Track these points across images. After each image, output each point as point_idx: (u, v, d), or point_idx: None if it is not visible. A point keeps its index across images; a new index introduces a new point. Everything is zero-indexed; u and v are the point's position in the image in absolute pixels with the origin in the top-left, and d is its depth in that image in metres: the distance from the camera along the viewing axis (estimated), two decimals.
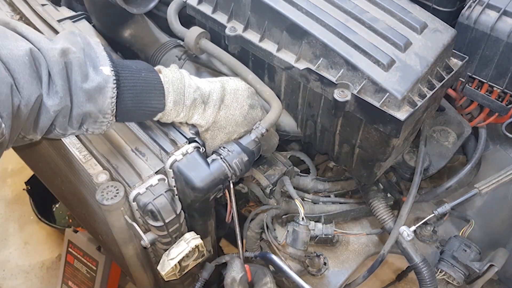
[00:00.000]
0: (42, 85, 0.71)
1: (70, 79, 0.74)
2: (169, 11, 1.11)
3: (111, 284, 1.82)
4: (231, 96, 0.94)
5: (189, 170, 0.86)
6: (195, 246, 0.93)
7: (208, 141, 0.95)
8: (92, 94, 0.76)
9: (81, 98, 0.75)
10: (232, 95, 0.94)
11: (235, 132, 0.95)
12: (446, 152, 1.19)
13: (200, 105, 0.90)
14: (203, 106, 0.91)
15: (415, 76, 0.86)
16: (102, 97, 0.77)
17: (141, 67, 0.85)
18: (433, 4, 1.10)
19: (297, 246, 1.08)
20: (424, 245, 1.25)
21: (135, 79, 0.83)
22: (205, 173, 0.87)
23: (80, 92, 0.75)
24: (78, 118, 0.77)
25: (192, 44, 1.03)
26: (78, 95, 0.75)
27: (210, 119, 0.92)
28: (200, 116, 0.91)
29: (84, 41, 0.78)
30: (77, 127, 0.79)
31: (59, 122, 0.76)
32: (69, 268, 1.87)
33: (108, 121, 0.80)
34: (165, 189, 0.86)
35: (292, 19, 0.92)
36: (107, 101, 0.77)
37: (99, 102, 0.77)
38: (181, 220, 0.92)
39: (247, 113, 0.95)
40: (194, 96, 0.89)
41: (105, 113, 0.78)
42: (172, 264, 0.91)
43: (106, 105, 0.77)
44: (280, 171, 1.13)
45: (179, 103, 0.88)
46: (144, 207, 0.84)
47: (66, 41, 0.76)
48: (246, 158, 0.91)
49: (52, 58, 0.72)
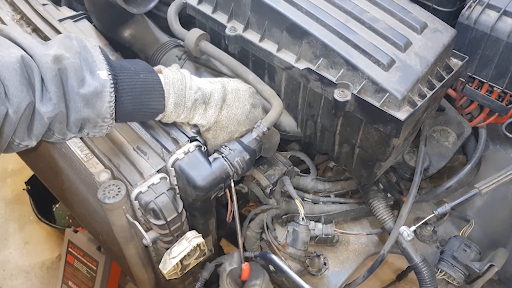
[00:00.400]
0: (35, 92, 0.70)
1: (65, 85, 0.73)
2: (169, 13, 1.11)
3: (111, 284, 1.82)
4: (233, 96, 0.94)
5: (190, 168, 0.86)
6: (197, 244, 0.93)
7: (210, 140, 0.95)
8: (89, 99, 0.75)
9: (79, 103, 0.75)
10: (233, 95, 0.94)
11: (237, 131, 0.95)
12: (446, 152, 1.19)
13: (200, 106, 0.90)
14: (204, 107, 0.91)
15: (415, 76, 0.86)
16: (100, 102, 0.76)
17: (140, 68, 0.84)
18: (433, 4, 1.10)
19: (297, 246, 1.08)
20: (424, 245, 1.25)
21: (133, 81, 0.82)
22: (206, 171, 0.87)
23: (77, 98, 0.74)
24: (77, 123, 0.77)
25: (192, 46, 1.04)
26: (75, 100, 0.74)
27: (212, 119, 0.92)
28: (201, 116, 0.91)
29: (80, 44, 0.77)
30: (76, 131, 0.78)
31: (56, 128, 0.76)
32: (69, 268, 1.87)
33: (108, 124, 0.80)
34: (167, 188, 0.86)
35: (292, 19, 0.92)
36: (105, 105, 0.76)
37: (97, 106, 0.76)
38: (182, 218, 0.92)
39: (249, 112, 0.95)
40: (195, 97, 0.88)
41: (104, 117, 0.78)
42: (173, 262, 0.91)
43: (104, 109, 0.77)
44: (280, 171, 1.13)
45: (179, 105, 0.87)
46: (146, 205, 0.84)
47: (60, 47, 0.75)
48: (247, 156, 0.91)
49: (45, 65, 0.71)
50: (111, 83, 0.77)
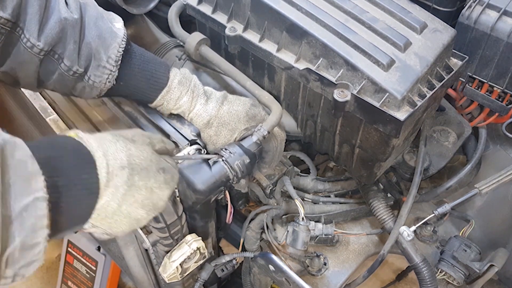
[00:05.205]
0: None
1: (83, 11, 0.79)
2: (170, 14, 1.11)
3: (111, 284, 1.82)
4: (234, 97, 0.97)
5: (190, 172, 0.86)
6: (197, 248, 0.93)
7: (213, 138, 0.95)
8: (102, 33, 0.80)
9: (93, 31, 0.79)
10: (234, 97, 0.98)
11: (237, 129, 0.95)
12: (446, 152, 1.19)
13: (202, 96, 0.93)
14: (206, 98, 0.94)
15: (415, 76, 0.86)
16: (111, 40, 0.80)
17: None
18: (433, 4, 1.09)
19: (297, 246, 1.08)
20: (424, 245, 1.25)
21: (143, 52, 0.89)
22: (206, 175, 0.86)
23: (93, 26, 0.79)
24: (86, 52, 0.79)
25: (192, 50, 1.04)
26: (90, 28, 0.79)
27: (213, 112, 0.93)
28: (202, 106, 0.93)
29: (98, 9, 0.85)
30: (83, 65, 0.80)
31: (68, 50, 0.77)
32: (69, 268, 1.87)
33: (110, 70, 0.82)
34: None
35: (292, 19, 0.92)
36: (114, 45, 0.81)
37: (107, 42, 0.80)
38: (182, 222, 0.92)
39: (249, 109, 0.96)
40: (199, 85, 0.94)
41: (109, 57, 0.81)
42: (174, 266, 0.91)
43: (112, 49, 0.81)
44: (280, 171, 1.13)
45: (184, 84, 0.91)
46: None
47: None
48: (247, 160, 0.91)
49: None
50: (124, 33, 0.82)
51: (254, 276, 1.19)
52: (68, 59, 0.77)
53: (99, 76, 0.81)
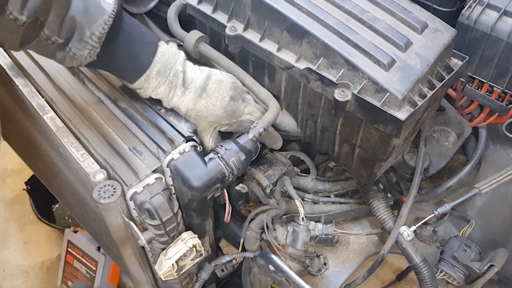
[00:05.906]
0: None
1: None
2: (169, 14, 1.11)
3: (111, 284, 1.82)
4: (214, 86, 0.95)
5: (186, 169, 0.86)
6: (193, 245, 0.93)
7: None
8: (88, 7, 0.77)
9: (79, 4, 0.77)
10: (215, 85, 0.95)
11: (216, 123, 0.95)
12: (446, 152, 1.19)
13: (180, 87, 0.92)
14: (183, 89, 0.92)
15: (415, 76, 0.86)
16: (97, 16, 0.78)
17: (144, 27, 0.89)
18: (433, 4, 1.09)
19: (297, 246, 1.08)
20: (424, 245, 1.25)
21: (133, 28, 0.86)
22: (202, 171, 0.87)
23: None
24: (69, 24, 0.77)
25: (191, 48, 1.04)
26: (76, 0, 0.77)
27: (190, 104, 0.92)
28: (179, 98, 0.92)
29: None
30: (63, 37, 0.78)
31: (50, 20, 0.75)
32: (69, 268, 1.87)
33: (92, 46, 0.80)
34: (162, 188, 0.86)
35: (293, 19, 0.92)
36: (100, 22, 0.78)
37: (92, 18, 0.78)
38: (178, 219, 0.92)
39: (227, 105, 0.95)
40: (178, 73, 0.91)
41: (93, 33, 0.79)
42: (169, 263, 0.91)
43: (97, 25, 0.78)
44: (280, 171, 1.12)
45: (163, 74, 0.90)
46: (141, 205, 0.84)
47: None
48: (243, 157, 0.91)
49: None
50: (114, 7, 0.79)
51: (254, 276, 1.19)
52: (48, 28, 0.76)
53: (80, 50, 0.80)
